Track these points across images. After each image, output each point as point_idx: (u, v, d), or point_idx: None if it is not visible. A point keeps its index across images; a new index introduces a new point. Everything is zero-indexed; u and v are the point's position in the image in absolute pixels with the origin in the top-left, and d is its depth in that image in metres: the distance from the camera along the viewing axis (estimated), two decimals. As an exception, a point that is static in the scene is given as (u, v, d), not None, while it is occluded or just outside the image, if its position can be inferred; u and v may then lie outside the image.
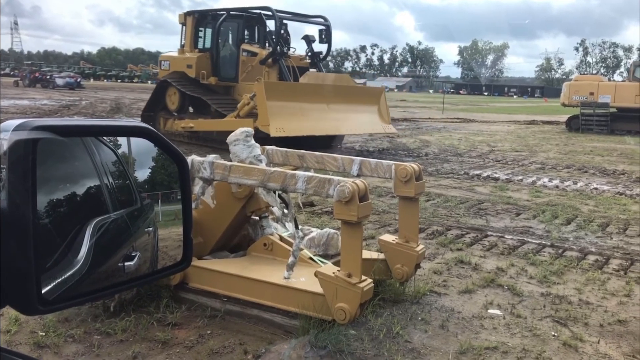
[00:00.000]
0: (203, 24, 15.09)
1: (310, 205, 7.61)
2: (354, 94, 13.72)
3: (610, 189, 9.83)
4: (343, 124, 12.96)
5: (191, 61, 14.52)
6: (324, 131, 12.75)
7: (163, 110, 15.19)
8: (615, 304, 4.47)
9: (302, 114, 12.07)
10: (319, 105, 12.48)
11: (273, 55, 13.52)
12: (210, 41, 14.82)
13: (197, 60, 14.42)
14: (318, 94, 12.59)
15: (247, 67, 14.05)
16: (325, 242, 4.43)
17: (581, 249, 6.01)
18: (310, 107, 12.21)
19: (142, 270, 1.01)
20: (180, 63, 14.88)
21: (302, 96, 12.34)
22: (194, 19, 15.00)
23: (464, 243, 6.08)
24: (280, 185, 3.63)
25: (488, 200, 8.58)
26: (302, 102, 12.17)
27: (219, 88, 14.52)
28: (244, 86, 13.85)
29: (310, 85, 12.83)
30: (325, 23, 14.59)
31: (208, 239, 4.35)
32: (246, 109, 12.20)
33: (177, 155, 0.99)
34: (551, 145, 17.53)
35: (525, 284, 4.84)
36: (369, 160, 4.51)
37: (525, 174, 11.42)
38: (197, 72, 14.33)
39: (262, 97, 11.39)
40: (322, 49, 14.88)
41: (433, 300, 4.38)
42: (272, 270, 3.92)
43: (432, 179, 10.18)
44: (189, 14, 15.10)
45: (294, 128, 11.71)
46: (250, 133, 4.32)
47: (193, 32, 15.04)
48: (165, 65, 15.51)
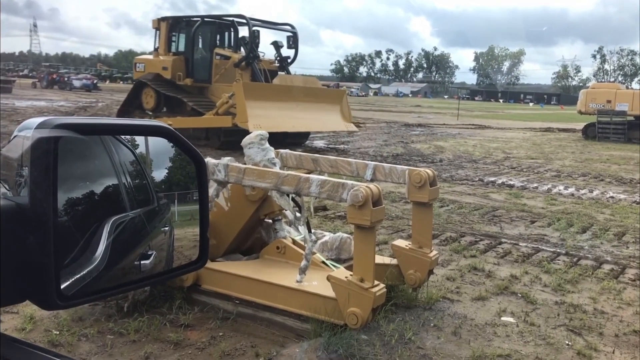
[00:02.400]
0: (176, 29, 16.18)
1: (323, 209, 7.61)
2: (320, 95, 15.15)
3: (626, 198, 9.72)
4: (312, 122, 14.37)
5: (167, 63, 15.61)
6: (296, 128, 14.13)
7: (138, 109, 16.18)
8: (630, 314, 4.42)
9: (276, 113, 13.16)
10: (291, 105, 13.68)
11: (247, 59, 14.67)
12: (185, 45, 15.91)
13: (173, 62, 15.53)
14: (289, 95, 13.91)
15: (220, 69, 15.17)
16: (338, 247, 4.43)
17: (596, 258, 5.95)
18: (283, 106, 13.42)
19: (158, 269, 1.02)
20: (156, 65, 15.95)
21: (275, 96, 13.63)
22: (167, 24, 16.10)
23: (478, 250, 6.05)
24: (294, 189, 3.64)
25: (502, 207, 8.53)
26: (275, 101, 13.38)
27: (193, 89, 15.56)
28: (217, 87, 15.01)
29: (283, 86, 14.31)
30: (292, 30, 15.96)
31: (221, 241, 4.37)
32: (224, 107, 13.34)
33: (196, 156, 1.00)
34: (567, 153, 17.39)
35: (540, 292, 4.80)
36: (382, 165, 4.50)
37: (540, 181, 11.34)
38: (172, 73, 15.43)
39: (241, 96, 12.58)
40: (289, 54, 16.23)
41: (446, 306, 4.36)
42: (284, 274, 3.93)
43: (447, 185, 10.14)
44: (163, 20, 16.24)
45: (270, 125, 12.56)
46: (265, 136, 4.34)
47: (167, 36, 16.08)
48: (140, 67, 16.55)
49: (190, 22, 16.20)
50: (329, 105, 14.91)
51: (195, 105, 14.71)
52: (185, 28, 16.09)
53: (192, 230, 1.07)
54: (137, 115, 15.89)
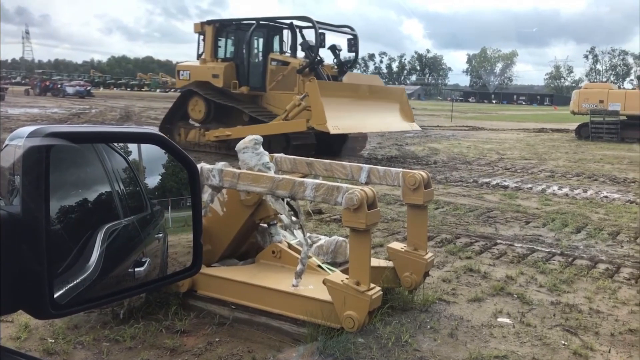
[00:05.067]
0: (224, 33, 15.05)
1: (319, 212, 7.61)
2: (383, 94, 14.38)
3: (620, 197, 9.76)
4: (381, 122, 13.52)
5: (218, 71, 14.42)
6: (368, 129, 13.55)
7: (182, 121, 15.14)
8: (626, 313, 4.43)
9: (351, 113, 12.50)
10: (360, 105, 12.99)
11: (312, 64, 13.65)
12: (236, 50, 14.81)
13: (225, 69, 14.35)
14: (359, 94, 13.24)
15: (276, 76, 14.17)
16: (334, 250, 4.43)
17: (591, 258, 5.97)
18: (355, 106, 12.77)
19: (152, 276, 1.02)
20: (204, 73, 14.74)
21: (348, 96, 12.92)
22: (214, 28, 14.91)
23: (473, 251, 6.06)
24: (289, 193, 3.64)
25: (497, 208, 8.55)
26: (348, 101, 12.71)
27: (245, 97, 14.46)
28: (273, 95, 14.15)
29: (353, 86, 13.56)
30: (352, 33, 14.91)
31: (216, 246, 4.36)
32: (296, 110, 12.31)
33: (188, 162, 1.00)
34: (561, 153, 17.46)
35: (535, 293, 4.81)
36: (377, 167, 4.51)
37: (534, 182, 11.37)
38: (225, 81, 14.28)
39: (317, 96, 11.73)
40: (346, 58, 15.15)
41: (442, 308, 4.36)
42: (280, 278, 3.92)
43: (441, 187, 10.16)
44: (208, 24, 15.02)
45: (347, 126, 12.26)
46: (259, 141, 4.34)
47: (214, 41, 14.95)
48: (184, 75, 15.25)
49: (241, 25, 14.87)
50: (391, 104, 14.14)
51: (255, 114, 13.72)
52: (235, 32, 14.90)
53: (186, 237, 1.07)
54: (182, 128, 14.87)
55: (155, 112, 32.19)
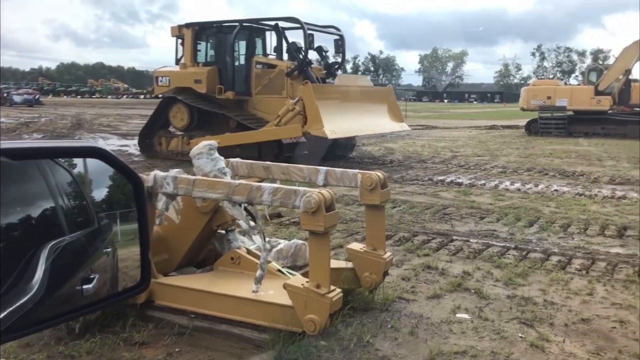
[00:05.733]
0: (204, 36, 14.44)
1: (278, 216, 7.58)
2: (373, 95, 14.12)
3: (570, 190, 10.07)
4: (373, 124, 13.24)
5: (200, 76, 13.82)
6: (364, 131, 13.23)
7: (162, 129, 14.52)
8: (578, 303, 4.57)
9: (345, 116, 12.20)
10: (353, 107, 12.70)
11: (301, 66, 13.21)
12: (218, 54, 14.19)
13: (208, 74, 13.77)
14: (350, 96, 12.94)
15: (262, 80, 13.63)
16: (294, 254, 4.42)
17: (544, 250, 6.13)
18: (348, 108, 12.47)
19: (102, 293, 0.99)
20: (185, 78, 14.12)
21: (341, 98, 12.64)
22: (193, 32, 14.24)
23: (431, 248, 6.14)
24: (246, 198, 3.60)
25: (452, 205, 8.70)
26: (342, 104, 12.43)
27: (230, 103, 13.88)
28: (259, 100, 13.64)
29: (345, 87, 13.23)
30: (339, 33, 14.50)
31: (174, 255, 4.29)
32: (290, 115, 11.83)
33: (132, 175, 0.97)
34: (512, 149, 17.89)
35: (492, 287, 4.91)
36: (334, 169, 4.52)
37: (487, 178, 11.62)
38: (208, 87, 13.69)
39: (312, 100, 11.37)
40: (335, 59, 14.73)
41: (402, 306, 4.40)
42: (240, 284, 3.89)
43: (398, 186, 10.27)
44: (187, 27, 14.33)
45: (344, 129, 11.91)
46: (214, 146, 4.29)
47: (193, 45, 14.34)
48: (163, 81, 14.59)
49: (222, 27, 14.17)
50: (381, 104, 13.82)
51: (243, 119, 13.15)
52: (217, 35, 14.22)
53: (136, 250, 1.04)
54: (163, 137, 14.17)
55: (108, 119, 31.52)
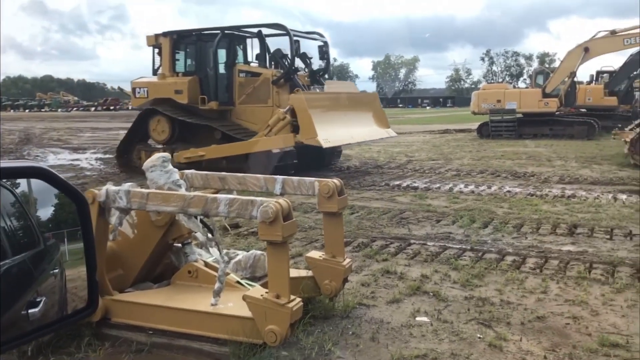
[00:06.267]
0: (182, 45, 13.99)
1: (236, 226, 7.51)
2: (359, 101, 13.87)
3: (522, 191, 10.34)
4: (362, 131, 13.01)
5: (181, 86, 13.32)
6: (355, 139, 12.92)
7: (141, 143, 14.00)
8: (533, 301, 4.68)
9: (337, 124, 11.96)
10: (342, 114, 12.51)
11: (288, 74, 12.85)
12: (198, 63, 13.73)
13: (189, 84, 13.28)
14: (339, 103, 12.72)
15: (246, 88, 13.20)
16: (252, 264, 4.38)
17: (499, 251, 6.26)
18: (338, 116, 12.27)
19: (50, 316, 0.95)
20: (164, 89, 13.64)
21: (332, 106, 12.40)
22: (171, 40, 13.82)
23: (389, 253, 6.19)
24: (202, 210, 3.56)
25: (409, 209, 8.80)
26: (332, 111, 12.21)
27: (213, 113, 13.41)
28: (243, 109, 13.23)
29: (335, 95, 12.97)
30: (322, 39, 14.22)
31: (129, 270, 4.20)
32: (281, 124, 11.51)
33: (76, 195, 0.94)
34: (465, 152, 18.24)
35: (450, 289, 4.98)
36: (291, 178, 4.51)
37: (442, 181, 11.82)
38: (190, 97, 13.23)
39: (304, 109, 11.14)
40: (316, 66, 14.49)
41: (362, 312, 4.42)
42: (198, 298, 3.83)
43: (355, 192, 10.33)
44: (164, 35, 13.85)
45: (337, 138, 11.68)
46: (168, 158, 4.22)
47: (172, 54, 13.88)
48: (141, 93, 14.06)
49: (202, 36, 13.73)
50: (367, 111, 13.68)
51: (229, 130, 12.72)
52: (196, 43, 13.76)
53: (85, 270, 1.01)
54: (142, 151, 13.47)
55: (58, 132, 30.68)
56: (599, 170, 13.05)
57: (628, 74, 25.26)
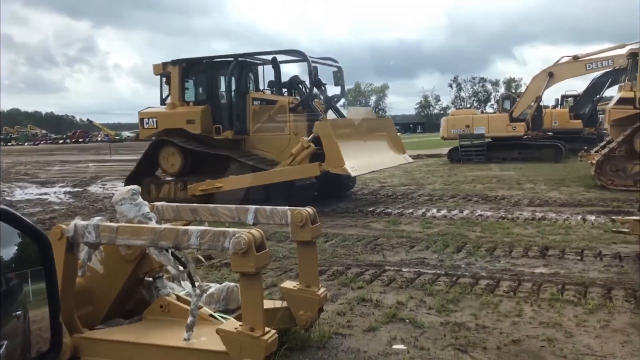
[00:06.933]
0: (192, 73, 13.63)
1: (209, 258, 7.41)
2: (377, 127, 13.62)
3: (493, 214, 10.46)
4: (383, 158, 12.80)
5: (193, 115, 12.88)
6: (378, 166, 12.69)
7: (148, 176, 13.57)
8: (508, 324, 4.70)
9: (361, 151, 11.72)
10: (365, 141, 12.31)
11: (307, 100, 12.52)
12: (209, 92, 13.33)
13: (202, 114, 12.86)
14: (361, 130, 12.46)
15: (261, 117, 12.77)
16: (225, 297, 4.31)
17: (473, 275, 6.30)
18: (361, 143, 12.05)
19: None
20: (175, 119, 13.15)
21: (355, 133, 12.16)
22: (180, 69, 13.38)
23: (364, 280, 6.17)
24: (173, 243, 3.50)
25: (383, 235, 8.82)
26: (356, 139, 12.00)
27: (226, 143, 12.89)
28: (259, 138, 12.78)
29: (358, 121, 12.64)
30: (336, 64, 13.96)
31: (99, 306, 4.09)
32: (304, 153, 11.15)
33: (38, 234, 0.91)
34: (436, 177, 18.43)
35: (425, 315, 4.98)
36: (264, 207, 4.49)
37: (415, 206, 11.89)
38: (203, 127, 12.79)
39: (331, 137, 10.86)
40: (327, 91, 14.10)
41: (339, 342, 4.37)
42: (171, 333, 3.74)
43: (329, 220, 10.32)
44: (173, 64, 13.41)
45: (362, 165, 11.43)
46: (137, 191, 4.16)
47: (181, 83, 13.45)
48: (150, 123, 13.57)
49: (213, 63, 13.38)
50: (385, 137, 13.44)
51: (250, 160, 12.21)
52: (208, 71, 13.36)
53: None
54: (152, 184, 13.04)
55: (25, 166, 30.15)
56: (567, 192, 13.30)
57: (591, 98, 26.04)
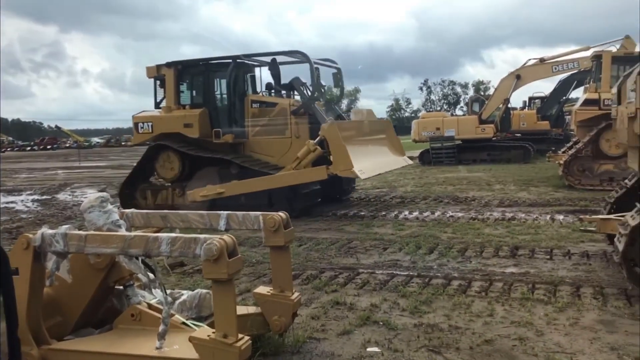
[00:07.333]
0: (187, 75, 13.22)
1: (181, 265, 7.33)
2: (377, 129, 13.46)
3: (464, 215, 10.58)
4: (386, 160, 12.65)
5: (191, 119, 12.49)
6: (384, 168, 12.43)
7: (144, 182, 13.25)
8: (480, 325, 4.75)
9: (367, 153, 11.58)
10: (369, 143, 12.22)
11: (310, 102, 12.24)
12: (207, 94, 12.95)
13: (200, 117, 12.46)
14: (365, 132, 12.36)
15: (260, 120, 12.49)
16: (198, 304, 4.26)
17: (445, 276, 6.35)
18: (366, 145, 11.93)
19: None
20: (172, 123, 12.76)
21: (360, 135, 12.04)
22: (176, 71, 12.99)
23: (338, 284, 6.18)
24: (143, 251, 3.45)
25: (357, 238, 8.84)
26: (361, 140, 11.87)
27: (224, 147, 12.55)
28: (257, 142, 12.49)
29: (361, 123, 12.62)
30: (336, 66, 13.75)
31: (68, 317, 4.01)
32: (311, 157, 10.97)
33: (-6, 249, 0.88)
34: (408, 179, 18.57)
35: (399, 317, 5.00)
36: (236, 213, 4.45)
37: (387, 209, 11.96)
38: (201, 131, 12.42)
39: (338, 139, 10.64)
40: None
41: (313, 347, 4.36)
42: (142, 342, 3.68)
43: (303, 224, 10.31)
44: (168, 66, 13.03)
45: (371, 168, 11.28)
46: (106, 198, 4.09)
47: (177, 85, 13.06)
48: (145, 128, 13.17)
49: (210, 65, 13.00)
50: (385, 139, 13.32)
51: (252, 165, 11.90)
52: (205, 73, 12.94)
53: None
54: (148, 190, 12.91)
55: (-10, 175, 29.40)
56: (536, 193, 13.53)
57: (558, 99, 26.57)
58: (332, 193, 13.39)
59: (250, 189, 11.49)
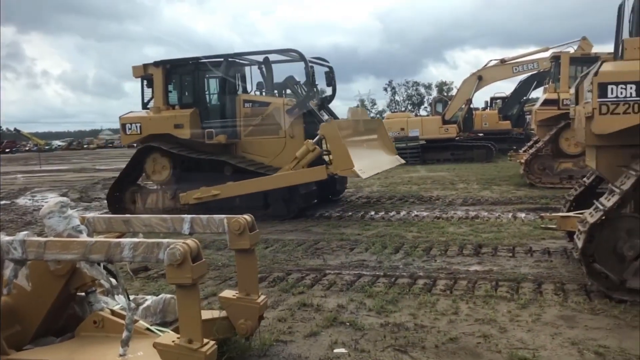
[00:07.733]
0: (176, 75, 12.81)
1: (145, 269, 7.22)
2: (371, 128, 13.32)
3: (429, 214, 10.70)
4: (381, 159, 12.56)
5: (181, 120, 12.11)
6: (380, 167, 12.31)
7: (133, 185, 12.81)
8: (445, 323, 4.81)
9: (363, 152, 11.44)
10: (364, 142, 12.07)
11: (306, 101, 11.98)
12: (197, 94, 12.56)
13: (191, 117, 12.09)
14: (359, 131, 12.20)
15: (253, 119, 12.15)
16: (162, 309, 4.20)
17: (411, 275, 6.41)
18: (362, 144, 11.82)
19: None
20: (161, 124, 12.35)
21: (357, 134, 11.89)
22: (164, 70, 12.61)
23: (305, 285, 6.17)
24: (105, 256, 3.38)
25: (323, 239, 8.85)
26: (358, 139, 11.73)
27: (215, 148, 12.22)
28: (250, 142, 12.19)
29: (357, 122, 12.45)
30: (328, 64, 13.49)
31: (27, 325, 3.90)
32: (310, 157, 10.81)
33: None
34: (374, 179, 18.59)
35: (366, 317, 5.02)
36: (200, 216, 4.40)
37: (354, 209, 12.01)
38: (192, 131, 12.05)
39: (338, 139, 10.50)
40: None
41: (280, 349, 4.35)
42: (105, 349, 3.61)
43: (269, 225, 10.27)
44: (156, 65, 12.62)
45: (368, 167, 11.11)
46: (66, 203, 4.00)
47: (165, 85, 12.69)
48: (133, 129, 12.72)
49: (200, 64, 12.58)
50: (378, 138, 13.24)
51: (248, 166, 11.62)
52: (195, 72, 12.55)
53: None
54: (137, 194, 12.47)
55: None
56: (498, 191, 13.79)
57: (519, 99, 27.12)
58: (324, 193, 13.31)
59: (247, 191, 11.31)
